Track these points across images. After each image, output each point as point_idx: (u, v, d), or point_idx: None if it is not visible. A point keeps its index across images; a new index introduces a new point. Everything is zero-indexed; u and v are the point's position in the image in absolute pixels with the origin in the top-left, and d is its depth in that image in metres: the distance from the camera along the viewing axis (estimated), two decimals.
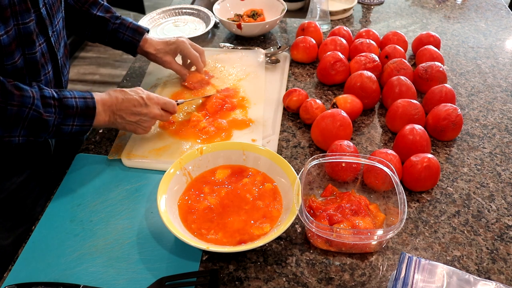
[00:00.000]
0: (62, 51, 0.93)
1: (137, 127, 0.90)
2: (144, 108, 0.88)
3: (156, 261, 0.74)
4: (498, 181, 0.90)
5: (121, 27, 1.05)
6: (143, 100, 0.88)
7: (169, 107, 0.94)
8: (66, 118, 0.79)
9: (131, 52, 1.10)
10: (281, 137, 1.00)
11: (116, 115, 0.86)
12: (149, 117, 0.90)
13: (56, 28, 0.88)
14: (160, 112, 0.92)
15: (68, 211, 0.83)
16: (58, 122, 0.79)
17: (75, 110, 0.80)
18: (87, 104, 0.82)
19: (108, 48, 1.65)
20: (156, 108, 0.90)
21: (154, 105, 0.90)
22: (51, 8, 0.85)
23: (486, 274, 0.73)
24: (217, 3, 1.41)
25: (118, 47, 1.09)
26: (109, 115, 0.86)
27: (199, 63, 1.12)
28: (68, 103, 0.79)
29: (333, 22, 1.47)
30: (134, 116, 0.88)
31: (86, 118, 0.82)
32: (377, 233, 0.72)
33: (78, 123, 0.81)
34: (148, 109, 0.89)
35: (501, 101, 1.11)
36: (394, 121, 0.99)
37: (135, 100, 0.88)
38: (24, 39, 0.78)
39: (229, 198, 0.80)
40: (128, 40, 1.06)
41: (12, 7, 0.74)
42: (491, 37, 1.39)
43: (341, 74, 1.13)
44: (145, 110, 0.89)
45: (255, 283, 0.72)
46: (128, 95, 0.88)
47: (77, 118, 0.81)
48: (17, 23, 0.76)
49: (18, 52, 0.78)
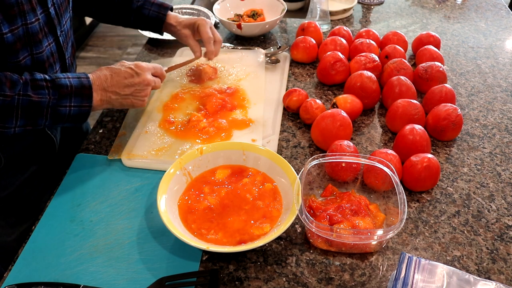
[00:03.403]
0: (69, 50, 0.93)
1: (133, 100, 0.88)
2: (136, 78, 0.86)
3: (156, 261, 0.74)
4: (498, 181, 0.90)
5: (146, 4, 1.06)
6: (132, 70, 0.86)
7: (158, 72, 0.93)
8: (61, 98, 0.77)
9: (158, 29, 1.10)
10: (281, 137, 1.00)
11: (109, 92, 0.84)
12: (143, 85, 0.88)
13: (64, 28, 0.89)
14: (153, 78, 0.91)
15: (68, 211, 0.83)
16: (53, 103, 0.76)
17: (69, 89, 0.78)
18: (82, 83, 0.80)
19: (108, 48, 1.65)
20: (148, 74, 0.89)
21: (145, 72, 0.88)
22: (59, 7, 0.86)
23: (486, 274, 0.73)
24: (217, 3, 1.41)
25: (143, 26, 1.10)
26: (101, 94, 0.83)
27: (210, 45, 1.09)
28: (61, 82, 0.77)
29: (333, 22, 1.47)
30: (128, 88, 0.86)
31: (83, 98, 0.79)
32: (377, 233, 0.72)
33: (76, 104, 0.79)
34: (140, 77, 0.87)
35: (501, 101, 1.12)
36: (394, 121, 0.99)
37: (124, 72, 0.85)
38: (31, 39, 0.78)
39: (229, 198, 0.80)
40: (154, 16, 1.07)
41: (20, 5, 0.74)
42: (491, 37, 1.39)
43: (341, 74, 1.13)
44: (138, 79, 0.87)
45: (255, 283, 0.72)
46: (115, 70, 0.85)
47: (74, 98, 0.78)
48: (24, 23, 0.76)
49: (24, 52, 0.78)
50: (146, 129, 1.00)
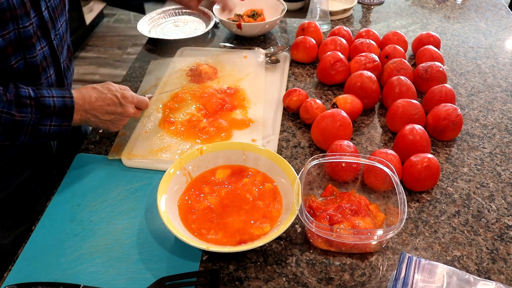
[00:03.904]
0: (65, 54, 0.92)
1: (110, 125, 0.89)
2: (119, 108, 0.86)
3: (156, 261, 0.74)
4: (498, 181, 0.90)
5: None
6: (117, 99, 0.86)
7: (142, 105, 0.93)
8: (43, 118, 0.77)
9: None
10: (281, 137, 1.00)
11: (89, 114, 0.83)
12: (124, 116, 0.89)
13: (59, 32, 0.88)
14: (134, 110, 0.91)
15: (68, 211, 0.83)
16: (35, 122, 0.76)
17: (52, 109, 0.77)
18: (65, 104, 0.79)
19: (108, 48, 1.65)
20: (131, 107, 0.89)
21: (129, 104, 0.88)
22: (53, 11, 0.85)
23: (486, 274, 0.73)
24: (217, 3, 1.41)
25: None
26: (80, 114, 0.82)
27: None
28: (45, 102, 0.77)
29: (333, 22, 1.47)
30: (109, 115, 0.86)
31: (64, 118, 0.79)
32: (377, 233, 0.72)
33: (56, 123, 0.78)
34: (123, 109, 0.87)
35: (501, 101, 1.11)
36: (394, 121, 0.99)
37: (109, 99, 0.85)
38: (24, 43, 0.77)
39: (229, 198, 0.80)
40: None
41: (12, 10, 0.73)
42: (491, 37, 1.39)
43: (341, 74, 1.13)
44: (120, 110, 0.87)
45: (255, 283, 0.72)
46: (101, 94, 0.84)
47: (55, 118, 0.78)
48: (17, 27, 0.75)
49: (17, 56, 0.77)
50: (146, 129, 1.00)
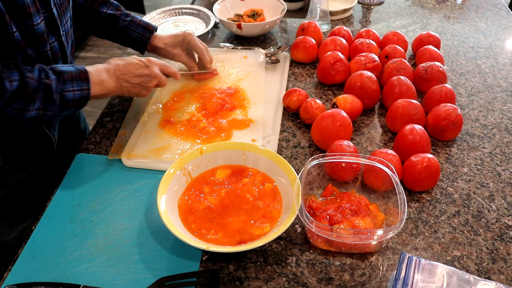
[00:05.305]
0: (70, 49, 0.95)
1: (140, 89, 0.94)
2: (145, 69, 0.93)
3: (156, 261, 0.74)
4: (498, 181, 0.90)
5: (132, 25, 1.07)
6: (143, 62, 0.94)
7: (165, 69, 0.99)
8: (65, 83, 0.81)
9: (140, 49, 1.12)
10: (281, 137, 1.00)
11: (121, 79, 0.90)
12: (151, 77, 0.94)
13: (65, 27, 0.90)
14: (160, 72, 0.96)
15: (68, 211, 0.83)
16: (60, 88, 0.80)
17: (69, 74, 0.82)
18: (78, 68, 0.84)
19: (108, 48, 1.66)
20: (156, 68, 0.95)
21: (154, 66, 0.95)
22: (60, 7, 0.87)
23: (486, 274, 0.73)
24: (217, 3, 1.41)
25: (127, 44, 1.11)
26: (115, 81, 0.89)
27: (205, 56, 1.12)
28: (61, 69, 0.82)
29: (333, 22, 1.47)
30: (138, 78, 0.92)
31: (82, 81, 0.83)
32: (377, 233, 0.72)
33: (77, 88, 0.83)
34: (149, 70, 0.94)
35: (501, 101, 1.12)
36: (394, 121, 0.99)
37: (136, 63, 0.92)
38: (37, 39, 0.80)
39: (229, 198, 0.80)
40: (138, 38, 1.08)
41: (27, 8, 0.76)
42: (491, 37, 1.39)
43: (341, 74, 1.13)
44: (147, 71, 0.93)
45: (255, 283, 0.72)
46: (128, 61, 0.93)
47: (75, 82, 0.82)
48: (31, 24, 0.78)
49: (30, 49, 0.80)
50: (146, 129, 1.00)
